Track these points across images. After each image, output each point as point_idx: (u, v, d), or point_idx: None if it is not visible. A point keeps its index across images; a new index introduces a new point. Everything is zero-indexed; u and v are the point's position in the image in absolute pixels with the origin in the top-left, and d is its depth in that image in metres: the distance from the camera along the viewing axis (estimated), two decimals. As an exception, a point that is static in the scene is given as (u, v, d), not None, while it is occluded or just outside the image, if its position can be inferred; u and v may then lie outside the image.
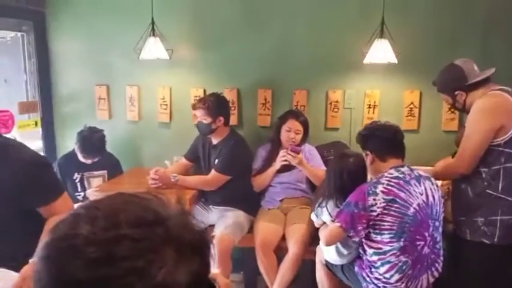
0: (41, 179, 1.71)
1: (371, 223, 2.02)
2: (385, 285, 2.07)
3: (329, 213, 2.27)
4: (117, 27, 3.29)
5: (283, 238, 2.75)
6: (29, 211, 1.73)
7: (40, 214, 1.75)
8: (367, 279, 2.13)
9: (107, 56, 3.37)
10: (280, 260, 2.70)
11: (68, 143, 3.37)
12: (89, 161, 3.09)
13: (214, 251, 2.65)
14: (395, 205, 1.99)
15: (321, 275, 2.49)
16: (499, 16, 2.82)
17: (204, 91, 3.24)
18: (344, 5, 3.02)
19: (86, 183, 3.14)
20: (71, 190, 3.11)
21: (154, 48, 2.97)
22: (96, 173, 3.16)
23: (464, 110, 2.27)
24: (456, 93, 2.20)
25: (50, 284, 0.54)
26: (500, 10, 2.57)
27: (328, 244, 2.20)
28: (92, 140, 3.04)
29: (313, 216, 2.41)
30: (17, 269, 1.57)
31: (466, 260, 2.16)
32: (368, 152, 2.19)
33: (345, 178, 2.23)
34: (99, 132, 3.10)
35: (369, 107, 3.07)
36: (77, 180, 3.13)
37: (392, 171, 2.08)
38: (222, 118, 2.85)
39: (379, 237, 2.04)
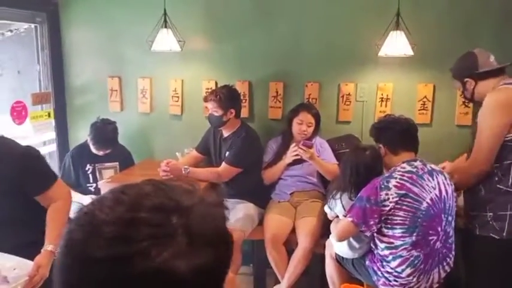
0: (35, 169, 1.85)
1: (383, 218, 2.01)
2: (396, 279, 2.06)
3: (343, 206, 2.26)
4: (129, 18, 3.30)
5: (293, 231, 2.75)
6: (29, 201, 1.84)
7: (39, 203, 1.86)
8: (378, 272, 2.12)
9: (120, 48, 3.39)
10: (289, 253, 2.70)
11: (81, 134, 3.39)
12: (101, 153, 3.11)
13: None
14: (408, 200, 1.97)
15: (330, 268, 2.48)
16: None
17: (216, 83, 3.24)
18: (360, -2, 2.99)
19: (98, 174, 3.16)
20: (83, 181, 3.14)
21: (166, 40, 2.97)
22: (108, 164, 3.18)
23: (472, 100, 2.26)
24: (466, 80, 2.19)
25: (70, 265, 0.56)
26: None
27: (340, 239, 2.20)
28: (105, 131, 3.06)
29: (326, 209, 2.41)
30: (22, 255, 1.68)
31: (475, 254, 2.15)
32: (381, 145, 2.18)
33: (361, 172, 2.21)
34: (112, 124, 3.11)
35: (382, 100, 3.04)
36: (89, 172, 3.15)
37: (404, 165, 2.07)
38: (233, 110, 2.84)
39: (390, 232, 2.03)
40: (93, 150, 3.10)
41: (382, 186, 2.00)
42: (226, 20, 3.20)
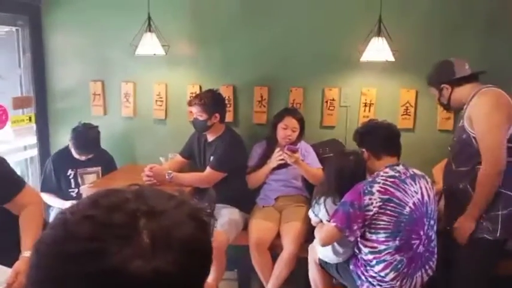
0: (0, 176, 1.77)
1: (367, 222, 2.02)
2: (380, 283, 2.07)
3: (326, 211, 2.26)
4: (113, 22, 3.27)
5: (278, 236, 2.74)
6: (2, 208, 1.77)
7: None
8: (362, 277, 2.13)
9: (103, 52, 3.35)
10: (274, 258, 2.69)
11: (62, 138, 3.34)
12: (83, 158, 3.07)
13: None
14: (391, 204, 1.99)
15: (313, 273, 2.48)
16: (499, 15, 2.81)
17: (200, 88, 3.23)
18: (342, 4, 3.01)
19: (79, 179, 3.12)
20: (65, 186, 3.09)
21: (150, 44, 2.95)
22: (90, 169, 3.14)
23: (448, 106, 2.30)
24: (442, 86, 2.23)
25: (38, 264, 0.58)
26: (500, 9, 2.57)
27: (324, 244, 2.20)
28: (87, 136, 3.02)
29: (310, 214, 2.42)
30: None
31: (466, 257, 2.15)
32: (364, 150, 2.20)
33: (346, 176, 2.22)
34: (94, 128, 3.08)
35: (365, 106, 3.07)
36: (70, 177, 3.11)
37: (387, 170, 2.08)
38: (218, 115, 2.83)
39: (374, 237, 2.04)
40: (75, 155, 3.06)
41: (366, 191, 2.01)
42: (211, 25, 3.20)
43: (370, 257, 2.07)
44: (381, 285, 2.08)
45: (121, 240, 0.55)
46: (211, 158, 2.88)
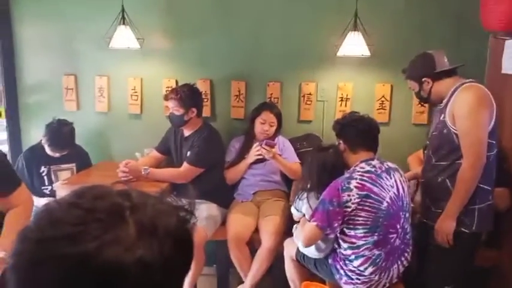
0: None
1: (346, 219, 2.04)
2: (359, 277, 2.10)
3: (310, 206, 2.26)
4: (86, 14, 3.18)
5: (257, 231, 2.75)
6: None
7: None
8: (341, 271, 2.15)
9: (76, 45, 3.26)
10: (253, 253, 2.70)
11: (34, 135, 3.25)
12: (57, 155, 3.00)
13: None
14: (370, 200, 2.01)
15: (290, 269, 2.49)
16: (472, 10, 2.86)
17: (176, 82, 3.18)
18: (320, -3, 3.02)
19: (53, 176, 3.04)
20: (38, 184, 3.01)
21: (124, 37, 2.89)
22: (64, 166, 3.07)
23: (428, 100, 2.29)
24: (423, 80, 2.22)
25: (24, 246, 0.58)
26: (473, 4, 2.62)
27: (308, 245, 2.20)
28: (61, 133, 2.94)
29: (292, 210, 2.42)
30: None
31: (443, 251, 2.16)
32: (341, 141, 2.21)
33: (328, 169, 2.23)
34: (69, 125, 3.00)
35: (342, 100, 3.09)
36: (43, 174, 3.03)
37: (363, 164, 2.10)
38: (194, 109, 2.81)
39: (353, 232, 2.06)
40: (49, 152, 2.98)
41: (344, 187, 2.02)
42: (187, 18, 3.15)
43: (349, 252, 2.10)
44: (359, 279, 2.10)
45: (102, 226, 0.55)
46: (188, 153, 2.85)
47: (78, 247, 0.53)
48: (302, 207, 2.32)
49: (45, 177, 3.03)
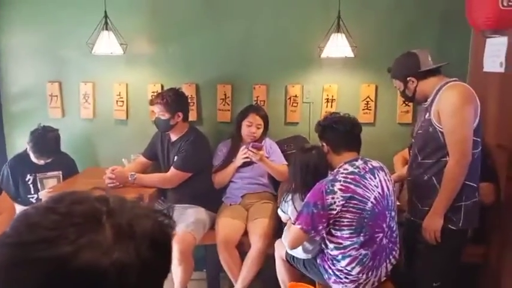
0: None
1: (331, 221, 2.04)
2: (347, 276, 2.10)
3: (295, 208, 2.26)
4: (69, 20, 3.16)
5: (246, 234, 2.74)
6: None
7: None
8: (329, 271, 2.16)
9: (59, 51, 3.24)
10: (242, 256, 2.69)
11: (18, 143, 3.22)
12: (41, 162, 2.97)
13: (174, 249, 2.61)
14: (354, 201, 2.01)
15: (280, 269, 2.50)
16: (454, 10, 2.90)
17: (162, 86, 3.18)
18: (303, 0, 3.03)
19: (39, 184, 3.01)
20: (23, 192, 2.98)
21: (107, 43, 2.87)
22: (50, 173, 3.04)
23: (413, 99, 2.30)
24: (408, 79, 2.23)
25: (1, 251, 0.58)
26: (457, 5, 2.65)
27: (293, 248, 2.21)
28: (46, 139, 2.92)
29: (279, 212, 2.42)
30: None
31: (430, 247, 2.17)
32: (324, 143, 2.21)
33: (311, 170, 2.23)
34: (54, 131, 2.98)
35: (327, 101, 3.11)
36: (29, 182, 3.00)
37: (347, 166, 2.10)
38: (180, 114, 2.80)
39: (339, 233, 2.06)
40: (33, 159, 2.95)
41: (328, 190, 2.01)
42: (171, 22, 3.15)
43: (336, 252, 2.10)
44: (347, 278, 2.11)
45: (80, 230, 0.56)
46: (175, 158, 2.84)
47: (55, 251, 0.54)
48: (287, 209, 2.33)
49: (31, 186, 3.00)
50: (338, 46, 2.78)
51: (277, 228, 2.68)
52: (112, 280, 0.55)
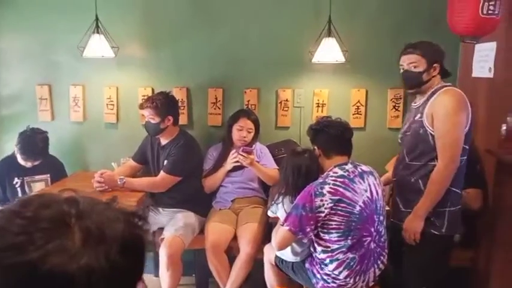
0: None
1: (319, 224, 2.03)
2: (335, 280, 2.10)
3: (285, 210, 2.26)
4: (59, 23, 3.15)
5: (235, 238, 2.73)
6: None
7: None
8: (317, 275, 2.15)
9: (49, 54, 3.22)
10: (232, 261, 2.68)
11: (8, 146, 3.20)
12: (29, 164, 2.94)
13: (163, 254, 2.58)
14: (342, 204, 2.01)
15: (269, 274, 2.49)
16: (444, 15, 2.91)
17: (153, 90, 3.16)
18: (294, 5, 3.04)
19: (27, 188, 2.98)
20: (11, 196, 2.95)
21: (98, 46, 2.86)
22: (37, 177, 3.01)
23: (420, 86, 2.16)
24: (435, 65, 2.16)
25: None
26: (445, 8, 2.66)
27: (280, 249, 2.21)
28: (34, 141, 2.90)
29: (269, 213, 2.43)
30: None
31: (413, 250, 2.18)
32: (315, 147, 2.22)
33: (302, 173, 2.23)
34: (43, 133, 2.96)
35: (318, 106, 3.11)
36: (17, 185, 2.97)
37: (336, 169, 2.10)
38: (170, 117, 2.79)
39: (327, 236, 2.06)
40: (21, 161, 2.93)
41: (317, 192, 2.02)
42: (162, 26, 3.14)
43: (323, 256, 2.09)
44: (335, 283, 2.10)
45: (47, 235, 0.55)
46: (165, 162, 2.82)
47: (23, 257, 0.53)
48: (277, 211, 2.33)
49: (19, 189, 2.97)
50: (329, 51, 2.79)
51: (266, 232, 2.66)
52: (81, 285, 0.54)
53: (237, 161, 2.84)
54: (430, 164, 2.11)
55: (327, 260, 2.08)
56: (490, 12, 2.08)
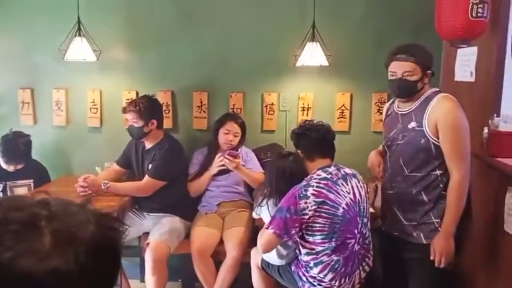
0: None
1: (303, 226, 2.04)
2: (320, 283, 2.10)
3: (269, 213, 2.27)
4: (41, 26, 3.12)
5: (221, 243, 2.72)
6: None
7: None
8: (303, 278, 2.15)
9: (31, 57, 3.18)
10: (218, 265, 2.66)
11: (-12, 151, 3.12)
12: (11, 168, 2.90)
13: (148, 259, 2.56)
14: (326, 207, 2.01)
15: (256, 278, 2.49)
16: (427, 19, 2.95)
17: (137, 93, 3.14)
18: (279, 9, 3.05)
19: (9, 193, 2.93)
20: (-8, 201, 2.89)
21: (80, 49, 2.83)
22: (20, 182, 2.97)
23: (412, 94, 2.05)
24: (428, 72, 2.05)
25: None
26: (429, 14, 2.69)
27: (265, 252, 2.20)
28: (16, 145, 2.87)
29: (254, 215, 2.44)
30: None
31: (422, 263, 2.04)
32: (299, 151, 2.23)
33: (286, 176, 2.24)
34: (25, 137, 2.93)
35: (303, 110, 3.13)
36: (-1, 190, 2.92)
37: (320, 172, 2.12)
38: (154, 121, 2.77)
39: (311, 238, 2.06)
40: (3, 164, 2.89)
41: (301, 195, 2.03)
42: (146, 29, 3.13)
43: (308, 258, 2.10)
44: (321, 285, 2.10)
45: (16, 237, 0.55)
46: (150, 166, 2.80)
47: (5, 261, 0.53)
48: (261, 213, 2.34)
49: (1, 194, 2.92)
50: (313, 55, 2.81)
51: (253, 236, 2.66)
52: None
53: (223, 165, 2.83)
54: (433, 174, 2.02)
55: (312, 263, 2.09)
56: (479, 15, 2.09)
